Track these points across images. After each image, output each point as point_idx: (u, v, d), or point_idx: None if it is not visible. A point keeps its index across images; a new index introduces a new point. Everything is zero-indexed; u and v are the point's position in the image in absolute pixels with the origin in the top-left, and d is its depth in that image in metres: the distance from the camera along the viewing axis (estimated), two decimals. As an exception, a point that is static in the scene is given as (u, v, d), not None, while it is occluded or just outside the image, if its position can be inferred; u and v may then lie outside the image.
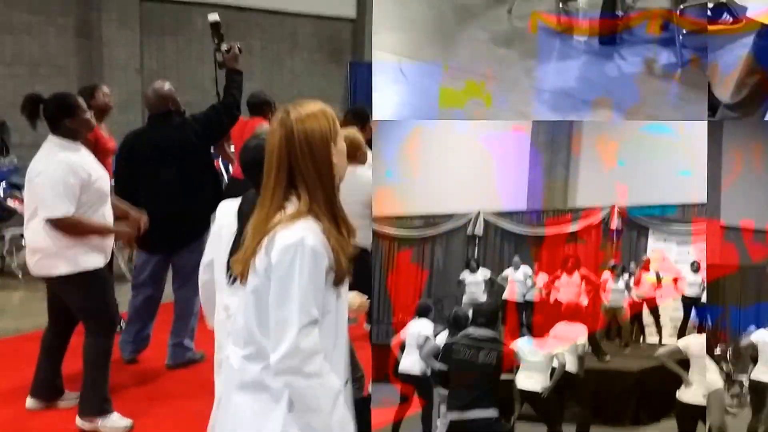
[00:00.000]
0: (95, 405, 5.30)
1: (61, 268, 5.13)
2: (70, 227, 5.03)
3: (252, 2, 19.33)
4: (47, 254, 5.14)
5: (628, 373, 4.57)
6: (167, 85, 6.99)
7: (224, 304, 3.43)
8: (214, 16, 7.03)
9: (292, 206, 2.58)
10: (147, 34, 17.23)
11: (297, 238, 2.51)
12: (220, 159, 9.92)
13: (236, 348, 2.70)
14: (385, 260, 5.13)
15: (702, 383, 4.14)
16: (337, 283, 2.60)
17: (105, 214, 5.24)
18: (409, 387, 4.78)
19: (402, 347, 4.80)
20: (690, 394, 4.18)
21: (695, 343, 4.27)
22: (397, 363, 4.81)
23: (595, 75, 4.48)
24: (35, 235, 5.14)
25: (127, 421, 5.40)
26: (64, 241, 5.08)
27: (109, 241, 5.35)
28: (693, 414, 4.14)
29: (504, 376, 4.22)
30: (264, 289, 2.56)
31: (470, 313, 4.65)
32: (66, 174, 5.04)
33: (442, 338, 4.67)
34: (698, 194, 4.50)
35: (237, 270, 2.65)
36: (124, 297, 6.88)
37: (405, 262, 5.54)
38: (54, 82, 15.08)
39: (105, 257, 5.29)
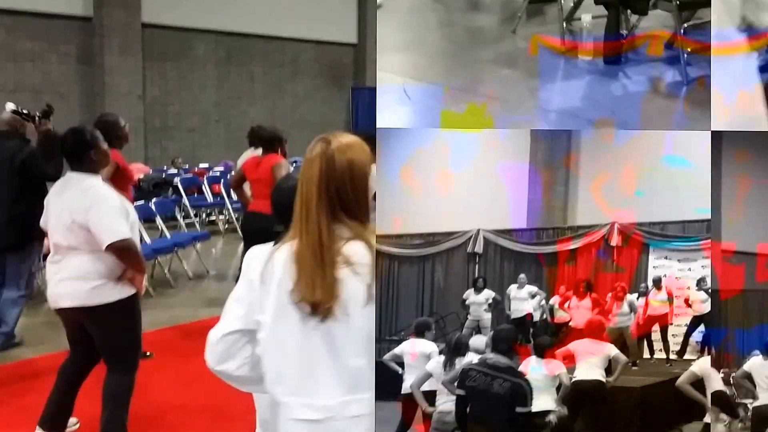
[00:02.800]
0: None
1: (116, 293, 5.10)
2: (128, 250, 4.99)
3: (253, 29, 19.48)
4: (106, 279, 5.08)
5: (631, 390, 4.54)
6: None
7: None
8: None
9: (348, 229, 2.57)
10: (149, 60, 17.36)
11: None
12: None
13: (342, 397, 2.59)
14: (385, 278, 5.13)
15: None
16: None
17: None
18: (411, 406, 4.75)
19: (399, 363, 4.77)
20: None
21: (708, 366, 4.27)
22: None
23: (599, 94, 4.47)
24: (87, 261, 5.07)
25: None
26: (115, 268, 5.07)
27: (140, 277, 5.30)
28: None
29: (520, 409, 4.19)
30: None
31: (473, 339, 4.64)
32: (118, 200, 5.04)
33: (438, 362, 4.63)
34: (694, 209, 4.51)
35: (316, 299, 2.52)
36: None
37: (405, 280, 5.55)
38: (57, 108, 15.15)
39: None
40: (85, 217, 4.95)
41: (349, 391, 2.58)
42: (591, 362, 4.47)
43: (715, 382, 4.19)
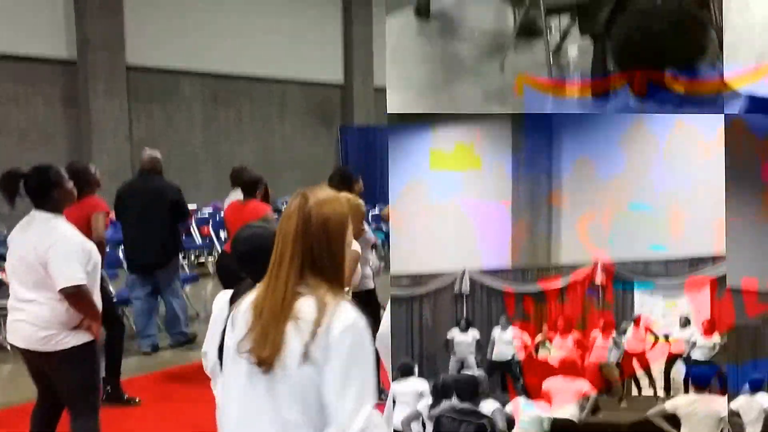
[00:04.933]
0: None
1: (72, 341, 5.07)
2: (80, 297, 4.96)
3: (240, 70, 19.57)
4: (61, 328, 5.05)
5: (619, 426, 4.54)
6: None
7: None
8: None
9: (312, 288, 2.60)
10: (135, 101, 17.39)
11: (352, 320, 2.58)
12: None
13: None
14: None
15: None
16: None
17: (96, 293, 5.19)
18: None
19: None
20: None
21: (683, 404, 4.27)
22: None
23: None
24: (44, 309, 5.04)
25: None
26: (73, 316, 5.04)
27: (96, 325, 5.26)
28: None
29: None
30: (317, 375, 2.56)
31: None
32: (80, 243, 5.04)
33: (427, 403, 4.63)
34: (680, 250, 4.52)
35: (263, 354, 2.58)
36: None
37: (395, 321, 5.54)
38: (42, 151, 15.17)
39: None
40: (44, 256, 4.95)
41: None
42: (564, 400, 4.49)
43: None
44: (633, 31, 4.06)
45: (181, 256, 13.87)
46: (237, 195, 8.95)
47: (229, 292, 3.50)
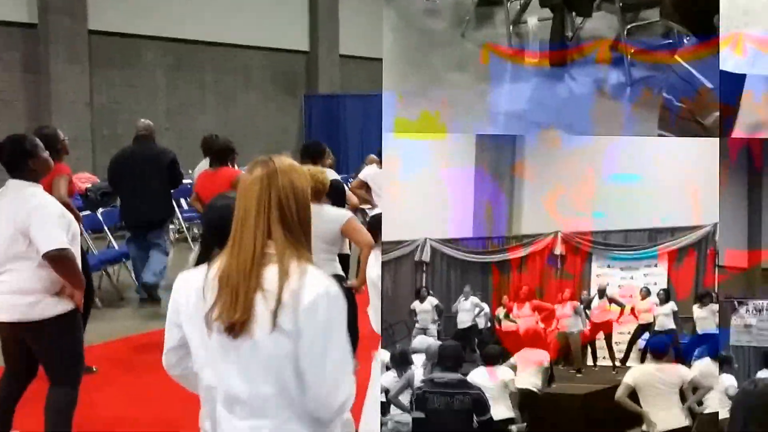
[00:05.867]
0: None
1: (55, 309, 5.01)
2: (65, 261, 4.89)
3: (202, 36, 19.34)
4: (44, 294, 4.99)
5: (575, 397, 4.58)
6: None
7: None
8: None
9: (279, 251, 2.55)
10: (96, 68, 17.14)
11: (323, 288, 2.54)
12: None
13: (259, 419, 2.60)
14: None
15: (657, 414, 4.17)
16: None
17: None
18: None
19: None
20: (650, 425, 4.20)
21: (640, 375, 4.31)
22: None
23: (546, 97, 4.53)
24: (25, 276, 4.96)
25: None
26: (55, 281, 4.98)
27: (79, 293, 5.21)
28: None
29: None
30: (292, 346, 2.52)
31: (417, 340, 4.67)
32: (60, 209, 4.98)
33: (388, 379, 4.64)
34: (641, 220, 4.56)
35: (234, 318, 2.52)
36: None
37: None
38: (2, 117, 14.94)
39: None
40: (25, 223, 4.87)
41: (256, 415, 2.59)
42: (528, 371, 4.52)
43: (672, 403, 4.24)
44: None
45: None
46: (206, 165, 8.90)
47: (193, 272, 3.39)
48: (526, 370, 4.52)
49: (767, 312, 4.23)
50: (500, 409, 4.43)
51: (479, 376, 4.51)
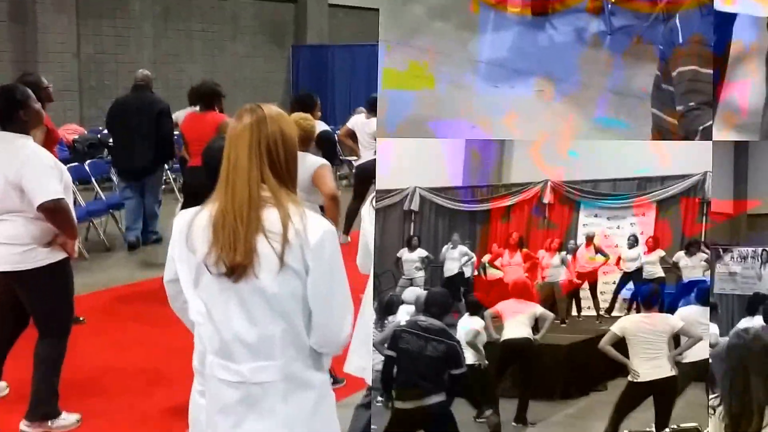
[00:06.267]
0: (48, 409, 5.20)
1: (47, 257, 4.99)
2: (60, 212, 4.86)
3: (190, -16, 19.15)
4: (37, 244, 4.97)
5: (558, 348, 4.60)
6: None
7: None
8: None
9: (275, 194, 2.59)
10: (83, 18, 16.95)
11: (327, 225, 2.61)
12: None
13: (265, 360, 2.63)
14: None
15: (643, 364, 4.19)
16: None
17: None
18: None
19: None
20: (636, 374, 4.22)
21: (629, 325, 4.32)
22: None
23: (527, 45, 4.50)
24: (18, 227, 4.91)
25: (75, 416, 5.29)
26: (46, 231, 4.95)
27: (72, 242, 5.19)
28: (641, 391, 4.19)
29: None
30: (299, 285, 2.57)
31: (406, 292, 4.65)
32: (51, 159, 4.96)
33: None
34: (629, 168, 4.55)
35: (235, 260, 2.53)
36: None
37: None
38: (-13, 68, 14.83)
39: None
40: (17, 175, 4.83)
41: (261, 357, 2.61)
42: (518, 320, 4.52)
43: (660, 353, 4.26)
44: None
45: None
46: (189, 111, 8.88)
47: (194, 209, 3.40)
48: (517, 320, 4.52)
49: (752, 260, 4.24)
50: (468, 356, 4.44)
51: (460, 324, 4.51)
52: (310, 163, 6.02)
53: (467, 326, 4.50)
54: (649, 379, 4.20)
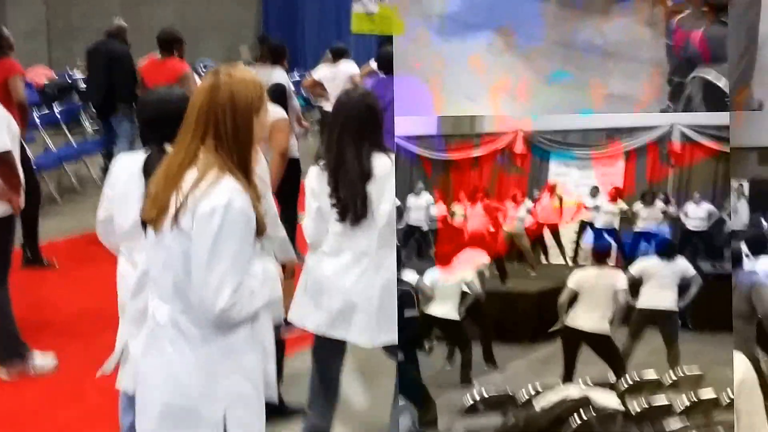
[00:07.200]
0: (14, 349, 5.25)
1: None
2: (7, 163, 4.84)
3: (160, -75, 18.78)
4: None
5: (527, 295, 4.71)
6: None
7: (132, 258, 3.60)
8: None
9: (204, 159, 2.68)
10: (51, -41, 16.65)
11: (225, 199, 2.64)
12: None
13: (162, 303, 2.81)
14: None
15: (581, 315, 4.31)
16: (259, 235, 2.77)
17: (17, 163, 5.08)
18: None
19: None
20: (579, 321, 4.33)
21: (583, 279, 4.42)
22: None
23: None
24: None
25: (50, 355, 5.35)
26: None
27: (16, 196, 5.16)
28: (578, 338, 4.33)
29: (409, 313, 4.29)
30: (188, 245, 2.68)
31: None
32: (1, 110, 4.93)
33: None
34: (600, 120, 4.61)
35: (149, 216, 2.75)
36: None
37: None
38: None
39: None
40: None
41: (160, 298, 2.82)
42: (464, 271, 4.60)
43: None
44: None
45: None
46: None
47: (131, 154, 3.52)
48: (463, 270, 4.59)
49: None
50: (450, 306, 4.52)
51: (432, 276, 4.56)
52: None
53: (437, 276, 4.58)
54: (580, 328, 4.34)
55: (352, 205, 3.85)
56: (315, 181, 3.97)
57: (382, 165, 3.73)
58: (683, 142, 4.37)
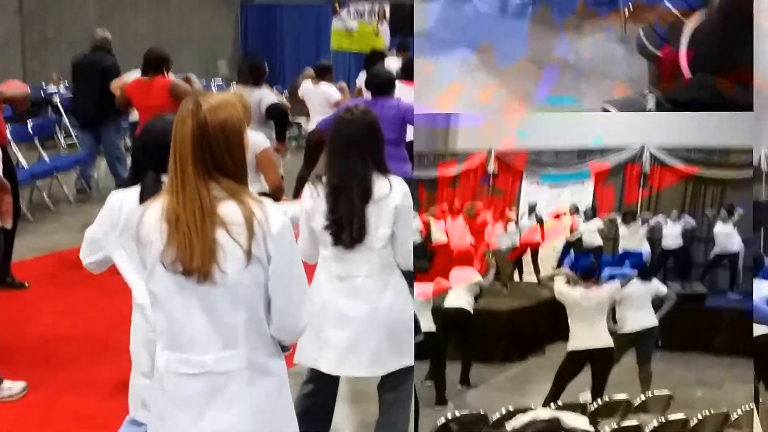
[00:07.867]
0: None
1: None
2: None
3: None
4: None
5: (500, 313, 4.71)
6: None
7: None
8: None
9: (227, 188, 2.56)
10: (25, -28, 16.57)
11: (282, 215, 2.61)
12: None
13: (226, 350, 2.63)
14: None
15: (581, 333, 4.29)
16: None
17: None
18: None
19: None
20: (582, 343, 4.32)
21: (569, 296, 4.43)
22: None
23: (451, 17, 4.52)
24: None
25: (20, 384, 5.27)
26: None
27: None
28: (584, 359, 4.30)
29: None
30: (262, 275, 2.58)
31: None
32: None
33: None
34: (573, 138, 4.62)
35: (193, 265, 2.51)
36: None
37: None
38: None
39: None
40: None
41: (224, 347, 2.62)
42: (458, 290, 4.59)
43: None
44: None
45: (74, 135, 13.58)
46: (135, 75, 8.68)
47: (132, 191, 3.40)
48: (457, 289, 4.59)
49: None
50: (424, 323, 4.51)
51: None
52: (252, 142, 5.73)
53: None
54: (587, 348, 4.31)
55: (348, 226, 3.77)
56: (309, 202, 3.91)
57: (382, 188, 3.67)
58: (653, 164, 4.39)
